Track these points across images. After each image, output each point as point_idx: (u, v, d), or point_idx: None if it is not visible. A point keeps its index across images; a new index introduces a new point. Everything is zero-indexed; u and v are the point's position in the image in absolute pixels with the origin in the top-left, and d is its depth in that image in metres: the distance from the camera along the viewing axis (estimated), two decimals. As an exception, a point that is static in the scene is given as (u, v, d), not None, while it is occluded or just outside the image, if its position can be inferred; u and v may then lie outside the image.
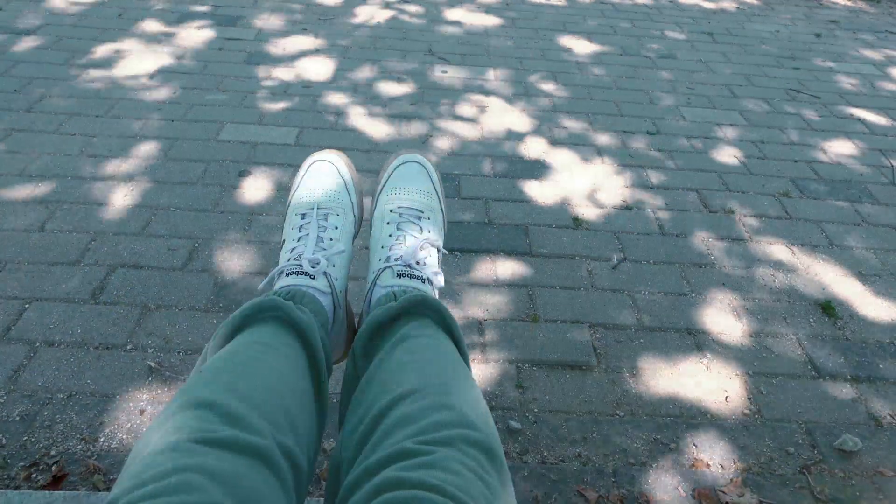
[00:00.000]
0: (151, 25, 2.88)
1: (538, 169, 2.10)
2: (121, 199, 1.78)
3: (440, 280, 0.84)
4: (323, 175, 0.91)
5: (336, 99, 2.42)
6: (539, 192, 1.99)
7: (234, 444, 0.55)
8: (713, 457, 1.25)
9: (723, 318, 1.58)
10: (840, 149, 2.41)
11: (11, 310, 1.41)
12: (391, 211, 0.88)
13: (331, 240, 0.85)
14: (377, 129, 2.25)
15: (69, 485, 1.09)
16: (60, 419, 1.20)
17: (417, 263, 0.82)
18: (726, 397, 1.37)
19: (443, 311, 0.76)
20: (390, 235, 0.85)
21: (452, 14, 3.39)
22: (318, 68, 2.64)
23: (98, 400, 1.24)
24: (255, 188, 1.88)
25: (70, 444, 1.16)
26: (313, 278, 0.79)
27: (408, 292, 0.77)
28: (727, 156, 2.28)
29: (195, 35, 2.83)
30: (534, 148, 2.22)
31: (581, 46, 3.12)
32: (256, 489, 0.54)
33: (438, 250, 0.87)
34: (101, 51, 2.60)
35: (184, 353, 1.35)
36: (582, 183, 2.05)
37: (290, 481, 0.58)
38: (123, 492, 0.50)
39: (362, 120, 2.29)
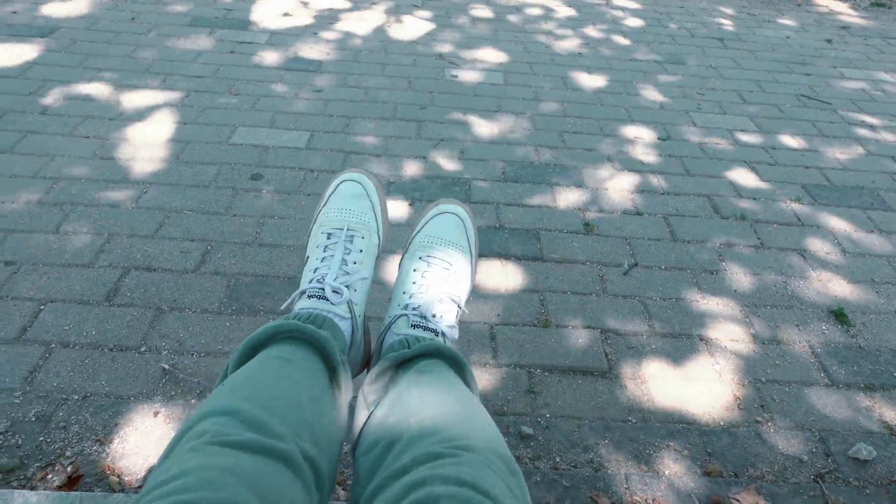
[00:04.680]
0: (164, 29, 2.90)
1: (549, 174, 2.10)
2: (134, 201, 1.79)
3: (454, 333, 0.84)
4: (352, 195, 0.92)
5: (347, 103, 2.42)
6: (550, 197, 1.99)
7: (256, 447, 0.56)
8: (726, 464, 1.24)
9: (735, 324, 1.57)
10: (852, 155, 2.40)
11: (27, 311, 1.42)
12: (420, 258, 0.89)
13: (354, 263, 0.86)
14: (387, 133, 2.25)
15: (84, 486, 1.09)
16: (76, 420, 1.21)
17: (434, 316, 0.83)
18: (739, 404, 1.37)
19: (457, 358, 0.77)
20: (414, 283, 0.86)
21: (462, 19, 3.40)
22: (330, 72, 2.65)
23: (113, 401, 1.25)
24: (267, 191, 1.89)
25: (85, 445, 1.16)
26: (334, 305, 0.80)
27: (421, 341, 0.78)
28: (738, 162, 2.28)
29: (207, 38, 2.85)
30: (545, 152, 2.22)
31: (591, 51, 3.12)
32: (280, 489, 0.54)
33: (459, 307, 0.87)
34: (114, 54, 2.62)
35: (197, 355, 1.36)
36: (593, 188, 2.05)
37: (313, 484, 0.59)
38: (147, 490, 0.51)
39: (373, 124, 2.30)
